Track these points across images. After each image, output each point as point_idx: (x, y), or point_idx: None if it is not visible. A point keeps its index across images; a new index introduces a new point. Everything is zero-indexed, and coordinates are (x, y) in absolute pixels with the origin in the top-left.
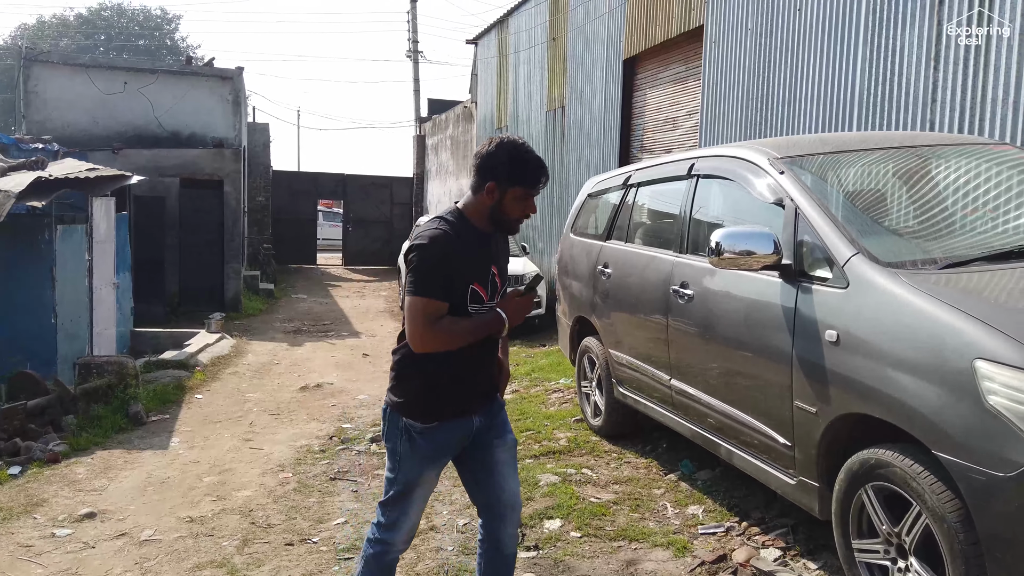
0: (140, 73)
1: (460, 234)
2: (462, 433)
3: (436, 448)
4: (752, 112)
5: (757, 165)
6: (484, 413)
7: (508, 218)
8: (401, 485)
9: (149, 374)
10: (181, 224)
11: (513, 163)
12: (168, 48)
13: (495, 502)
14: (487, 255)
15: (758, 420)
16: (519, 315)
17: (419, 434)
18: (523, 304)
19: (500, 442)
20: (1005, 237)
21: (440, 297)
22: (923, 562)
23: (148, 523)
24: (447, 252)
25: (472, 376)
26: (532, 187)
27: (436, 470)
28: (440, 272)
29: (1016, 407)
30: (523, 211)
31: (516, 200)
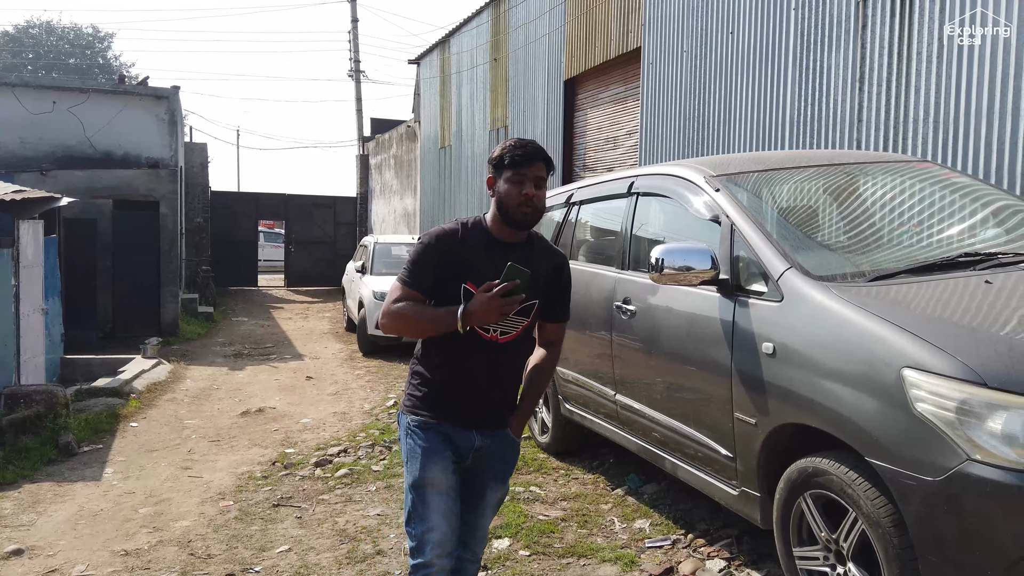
0: (70, 92)
1: (468, 236)
2: (461, 441)
3: (437, 442)
4: (689, 131)
5: (694, 183)
6: (488, 436)
7: (508, 208)
8: (412, 490)
9: (81, 403)
10: (115, 247)
11: (501, 150)
12: (100, 67)
13: (466, 535)
14: (500, 263)
15: (700, 433)
16: (485, 314)
17: (417, 427)
18: (491, 303)
19: (495, 487)
20: (928, 250)
21: (412, 285)
22: (860, 567)
23: (80, 558)
24: (440, 248)
25: (469, 387)
26: (518, 166)
27: (442, 467)
28: (423, 264)
29: (942, 413)
30: (518, 195)
31: (509, 184)
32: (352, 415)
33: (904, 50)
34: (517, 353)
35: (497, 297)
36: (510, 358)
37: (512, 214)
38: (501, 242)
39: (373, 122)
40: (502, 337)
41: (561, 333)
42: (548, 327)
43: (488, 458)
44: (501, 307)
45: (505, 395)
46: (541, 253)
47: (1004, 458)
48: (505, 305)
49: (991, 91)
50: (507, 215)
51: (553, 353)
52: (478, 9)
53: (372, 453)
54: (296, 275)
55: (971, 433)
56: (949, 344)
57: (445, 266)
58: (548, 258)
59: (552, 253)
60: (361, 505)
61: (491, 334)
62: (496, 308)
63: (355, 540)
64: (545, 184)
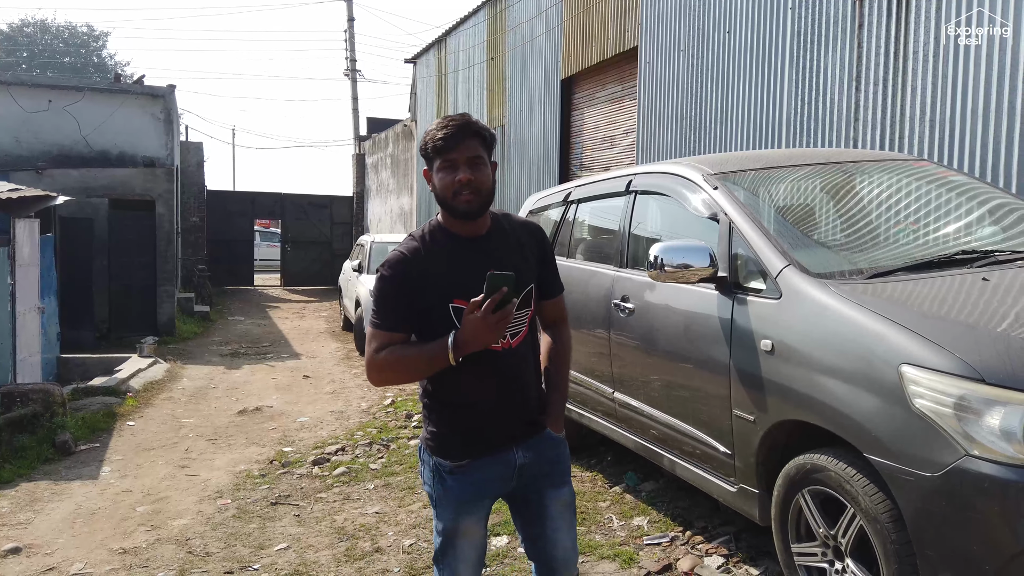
0: (66, 91)
1: (430, 247)
2: (501, 470)
3: (471, 490)
4: (686, 130)
5: (692, 181)
6: (528, 447)
7: (447, 201)
8: (441, 535)
9: (77, 402)
10: (111, 246)
11: (424, 137)
12: (95, 66)
13: (548, 559)
14: (476, 262)
15: (699, 430)
16: (482, 335)
17: (449, 473)
18: (484, 323)
19: (555, 493)
20: (926, 248)
21: (388, 327)
22: (859, 563)
23: (78, 556)
24: (404, 276)
25: (502, 402)
26: (445, 152)
27: (476, 517)
28: (391, 300)
29: (940, 409)
30: (452, 183)
31: (441, 174)
32: (350, 414)
33: (901, 50)
34: (532, 348)
35: (489, 314)
36: (526, 357)
37: (454, 206)
38: (467, 238)
39: (369, 121)
40: (514, 340)
41: (561, 309)
42: (546, 305)
43: (534, 469)
44: (497, 323)
45: (532, 397)
46: (515, 232)
47: (1002, 453)
48: (500, 319)
49: (987, 91)
50: (449, 208)
51: (562, 333)
52: (475, 8)
53: (370, 451)
54: (292, 274)
55: (969, 429)
56: (947, 341)
57: (417, 292)
58: (525, 234)
59: (525, 225)
60: (359, 503)
61: (503, 342)
62: (492, 325)
63: (353, 538)
64: (486, 162)
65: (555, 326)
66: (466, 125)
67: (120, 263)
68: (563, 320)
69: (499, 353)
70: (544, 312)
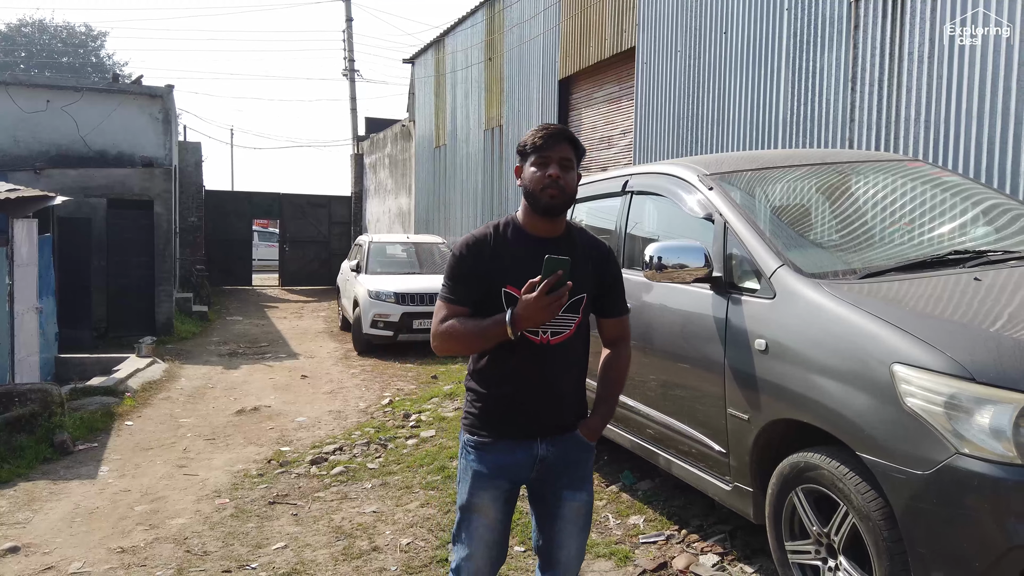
0: (64, 91)
1: (500, 237)
2: (522, 457)
3: (488, 466)
4: (683, 131)
5: (687, 182)
6: (553, 443)
7: (534, 193)
8: (460, 510)
9: (76, 401)
10: (109, 246)
11: (526, 136)
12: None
13: (551, 557)
14: (538, 259)
15: (694, 429)
16: (536, 314)
17: (474, 447)
18: (538, 302)
19: (571, 495)
20: (919, 248)
21: (455, 301)
22: (851, 560)
23: (76, 555)
24: (472, 256)
25: (525, 396)
26: (542, 150)
27: (492, 496)
28: (460, 276)
29: (932, 408)
30: (542, 177)
31: (534, 168)
32: (348, 414)
33: (896, 51)
34: (572, 353)
35: (543, 294)
36: (565, 359)
37: (538, 198)
38: (537, 237)
39: (368, 121)
40: (553, 339)
41: (624, 329)
42: (606, 324)
43: (556, 466)
44: (550, 304)
45: (566, 400)
46: (583, 245)
47: (992, 452)
48: (553, 301)
49: (981, 92)
50: (533, 201)
51: (621, 351)
52: (473, 8)
53: (368, 451)
54: (290, 274)
55: (959, 427)
56: (939, 340)
57: (484, 273)
58: (591, 249)
59: (595, 244)
60: (357, 502)
61: (541, 336)
62: (545, 306)
63: (351, 537)
64: (574, 167)
65: (616, 344)
66: (563, 131)
67: (118, 263)
68: (625, 340)
69: (536, 346)
70: (605, 330)
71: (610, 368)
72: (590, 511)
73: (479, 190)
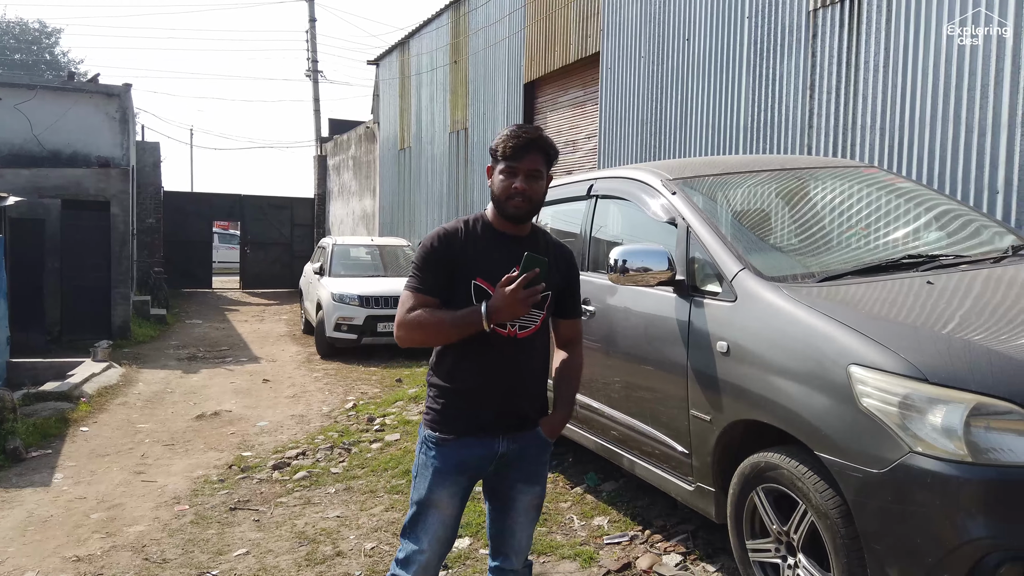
0: (17, 88)
1: (471, 232)
2: (481, 453)
3: (450, 464)
4: (647, 135)
5: (651, 186)
6: (514, 439)
7: (500, 201)
8: (414, 504)
9: (28, 407)
10: (63, 248)
11: (498, 139)
12: (48, 63)
13: (502, 544)
14: (506, 255)
15: (658, 430)
16: (510, 307)
17: (435, 444)
18: (515, 295)
19: (526, 489)
20: (875, 252)
21: (424, 290)
22: (810, 558)
23: (30, 564)
24: (443, 248)
25: (491, 389)
26: (510, 159)
27: (450, 492)
28: (430, 266)
29: (887, 408)
30: (508, 188)
31: (502, 176)
32: (311, 418)
33: (853, 59)
34: (537, 349)
35: (520, 288)
36: (530, 354)
37: (503, 207)
38: (506, 235)
39: (331, 123)
40: (520, 332)
41: (577, 331)
42: (564, 325)
43: (514, 462)
44: (526, 298)
45: (529, 393)
46: (548, 247)
47: (943, 450)
48: (529, 295)
49: (934, 100)
50: (499, 207)
51: (575, 353)
52: (438, 11)
53: (331, 455)
54: (252, 277)
55: (913, 427)
56: (893, 342)
57: (451, 265)
58: (555, 253)
59: (559, 246)
60: (320, 507)
61: (508, 330)
62: (521, 299)
63: (314, 542)
64: (543, 175)
65: (570, 346)
66: (535, 141)
67: (73, 265)
68: (578, 341)
69: (504, 339)
70: (561, 331)
71: (568, 369)
72: (541, 503)
73: (444, 193)
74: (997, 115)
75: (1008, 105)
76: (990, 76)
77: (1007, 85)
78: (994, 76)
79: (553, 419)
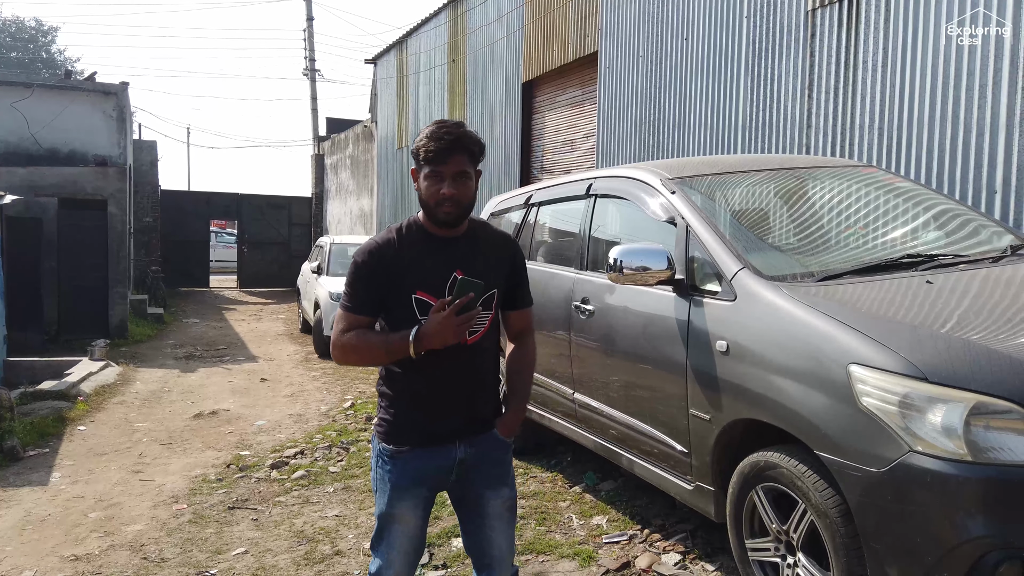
0: (14, 87)
1: (405, 240)
2: (440, 463)
3: (408, 478)
4: (645, 135)
5: (650, 185)
6: (472, 443)
7: (429, 207)
8: (378, 519)
9: (26, 406)
10: (60, 246)
11: (417, 142)
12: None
13: (482, 555)
14: (444, 260)
15: (657, 429)
16: (442, 334)
17: (390, 458)
18: (447, 322)
19: (493, 494)
20: (874, 252)
21: (355, 310)
22: (810, 557)
23: (28, 564)
24: (375, 263)
25: (444, 398)
26: (434, 163)
27: (412, 505)
28: (362, 284)
29: (886, 407)
30: (436, 194)
31: (427, 182)
32: (308, 417)
33: (851, 59)
34: (488, 349)
35: (452, 315)
36: (482, 356)
37: (434, 212)
38: (442, 238)
39: (329, 122)
40: (470, 338)
41: (528, 321)
42: (512, 316)
43: (475, 467)
44: (459, 325)
45: (485, 396)
46: (488, 240)
47: (943, 449)
48: (463, 322)
49: (932, 100)
50: (430, 213)
51: (527, 344)
52: (436, 10)
53: (329, 455)
54: (249, 276)
55: (913, 426)
56: (893, 341)
57: (386, 280)
58: (497, 245)
59: (502, 238)
60: (319, 506)
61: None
62: (453, 328)
63: (313, 541)
64: (470, 175)
65: (521, 337)
66: (458, 140)
67: (70, 264)
68: (529, 332)
69: (454, 348)
70: (511, 322)
71: (518, 361)
72: (514, 505)
73: None
74: (995, 115)
75: (1006, 105)
76: (988, 76)
77: (1005, 85)
78: (992, 76)
79: (508, 417)
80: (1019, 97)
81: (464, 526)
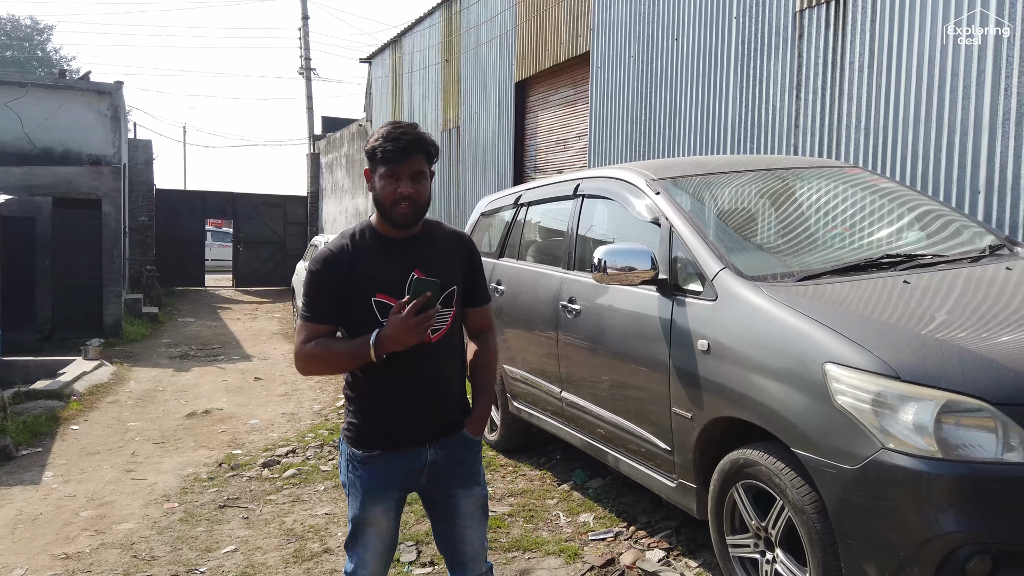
0: (7, 86)
1: (359, 246)
2: (410, 466)
3: (379, 481)
4: (636, 134)
5: (636, 186)
6: (441, 445)
7: (385, 208)
8: (352, 523)
9: (19, 405)
10: (55, 246)
11: (373, 141)
12: (39, 60)
13: (456, 554)
14: (400, 262)
15: (641, 428)
16: (402, 335)
17: (360, 463)
18: (406, 323)
19: (464, 493)
20: (854, 252)
21: (314, 319)
22: (788, 553)
23: (19, 562)
24: (333, 270)
25: (410, 399)
26: (391, 162)
27: (384, 508)
28: (320, 293)
29: (860, 406)
30: (393, 194)
31: (383, 182)
32: (301, 416)
33: (838, 60)
34: (452, 347)
35: (411, 316)
36: (447, 355)
37: (389, 213)
38: (396, 240)
39: (324, 120)
40: (434, 336)
41: (487, 318)
42: (472, 314)
43: (445, 468)
44: (418, 324)
45: (451, 395)
46: (443, 239)
47: (914, 446)
48: (422, 322)
49: (917, 101)
50: (385, 214)
51: (488, 342)
52: (430, 10)
53: (321, 453)
54: (244, 275)
55: (885, 423)
56: (867, 340)
57: (344, 287)
58: (452, 243)
59: (456, 236)
60: (309, 505)
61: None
62: (413, 327)
63: (303, 539)
64: (426, 175)
65: (481, 334)
66: (416, 141)
67: (64, 263)
68: (489, 328)
69: (417, 349)
70: (470, 320)
71: (483, 358)
72: (486, 503)
73: (436, 191)
74: (979, 116)
75: (989, 105)
76: (972, 77)
77: (988, 86)
78: (976, 77)
79: (475, 415)
80: (1002, 98)
81: (436, 526)
